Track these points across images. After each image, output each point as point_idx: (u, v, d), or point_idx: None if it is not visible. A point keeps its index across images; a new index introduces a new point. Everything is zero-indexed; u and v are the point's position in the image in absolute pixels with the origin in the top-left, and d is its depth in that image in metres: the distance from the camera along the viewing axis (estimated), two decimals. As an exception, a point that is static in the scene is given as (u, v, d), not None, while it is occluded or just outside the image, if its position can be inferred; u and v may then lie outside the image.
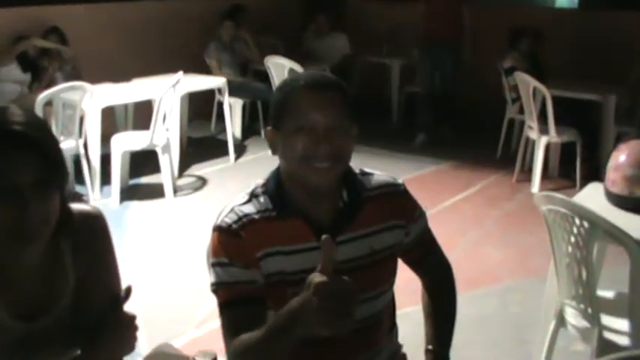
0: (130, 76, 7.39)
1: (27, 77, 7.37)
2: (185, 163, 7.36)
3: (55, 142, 1.73)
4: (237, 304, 1.96)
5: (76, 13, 8.20)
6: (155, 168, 6.55)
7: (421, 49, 8.30)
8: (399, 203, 2.14)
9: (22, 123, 1.65)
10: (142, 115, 7.14)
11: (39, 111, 5.95)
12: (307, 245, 1.97)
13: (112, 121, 7.33)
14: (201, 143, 8.46)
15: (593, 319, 2.95)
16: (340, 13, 9.57)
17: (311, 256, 1.93)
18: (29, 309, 1.80)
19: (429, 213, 2.29)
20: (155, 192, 6.61)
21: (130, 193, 6.63)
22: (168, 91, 6.24)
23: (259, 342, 1.81)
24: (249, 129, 8.63)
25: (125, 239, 5.54)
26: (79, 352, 1.83)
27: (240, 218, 1.97)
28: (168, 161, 6.43)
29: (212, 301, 2.04)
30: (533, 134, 6.64)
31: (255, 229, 1.96)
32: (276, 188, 2.01)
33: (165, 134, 6.41)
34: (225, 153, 7.69)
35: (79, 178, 6.51)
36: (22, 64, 7.44)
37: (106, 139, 6.49)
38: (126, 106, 7.39)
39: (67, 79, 7.03)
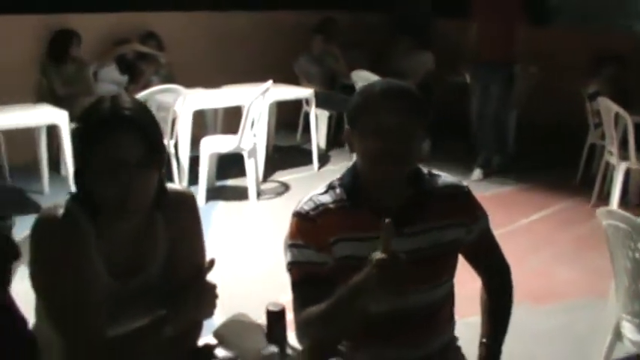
0: (221, 83, 7.70)
1: (124, 79, 7.77)
2: (270, 169, 7.62)
3: (158, 130, 2.03)
4: (308, 282, 2.21)
5: (173, 20, 8.57)
6: (241, 171, 6.83)
7: (471, 72, 8.10)
8: (462, 203, 2.35)
9: (131, 109, 1.95)
10: (230, 120, 7.43)
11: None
12: (375, 234, 2.13)
13: (202, 124, 7.65)
14: (287, 151, 8.75)
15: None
16: (426, 32, 9.67)
17: (377, 244, 2.11)
18: (124, 270, 2.08)
19: (503, 231, 2.48)
20: (239, 194, 6.90)
21: (215, 194, 6.92)
22: (257, 98, 6.51)
23: (325, 311, 2.04)
24: (334, 140, 8.84)
25: (208, 236, 5.79)
26: (163, 312, 2.06)
27: (317, 206, 2.22)
28: (254, 165, 6.70)
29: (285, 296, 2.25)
30: (612, 159, 6.64)
31: (329, 217, 2.21)
32: (350, 181, 2.25)
33: (253, 139, 6.68)
34: (310, 162, 7.95)
35: (169, 177, 6.82)
36: (120, 66, 7.86)
37: (195, 142, 6.80)
38: (216, 111, 7.71)
39: (162, 82, 7.40)
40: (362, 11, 10.17)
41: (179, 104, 6.53)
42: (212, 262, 2.14)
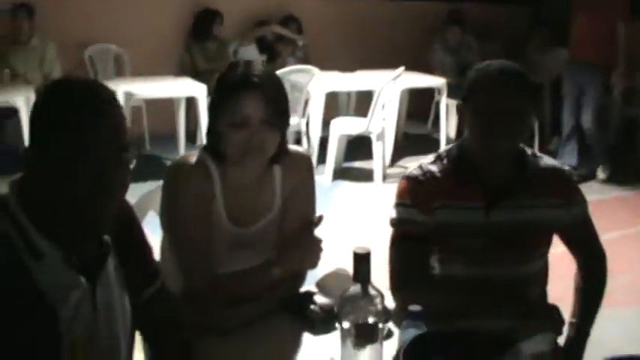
0: (355, 67, 7.85)
1: (262, 58, 8.03)
2: (398, 155, 7.73)
3: (283, 95, 2.27)
4: (408, 240, 2.38)
5: (313, 4, 8.80)
6: (369, 155, 6.97)
7: (566, 74, 7.59)
8: (562, 185, 2.43)
9: (260, 76, 2.20)
10: (363, 104, 7.57)
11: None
12: (475, 204, 2.33)
13: (335, 106, 7.84)
14: (416, 139, 8.81)
15: None
16: (564, 28, 9.50)
17: (477, 213, 2.32)
18: (243, 217, 2.33)
19: (612, 236, 2.51)
20: (365, 176, 7.05)
21: (342, 174, 7.09)
22: (389, 84, 6.63)
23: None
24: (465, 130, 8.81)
25: (330, 211, 5.94)
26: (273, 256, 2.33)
27: (424, 173, 2.38)
28: (382, 149, 6.83)
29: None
30: None
31: (435, 184, 2.36)
32: (458, 154, 2.39)
33: (382, 123, 6.81)
34: (438, 151, 7.93)
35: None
36: (260, 46, 8.13)
37: (328, 123, 6.99)
38: (349, 94, 7.87)
39: (298, 64, 7.60)
40: (499, 3, 10.10)
41: (312, 85, 6.72)
42: (320, 218, 2.38)
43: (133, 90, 6.53)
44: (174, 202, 2.27)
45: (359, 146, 7.34)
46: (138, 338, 1.98)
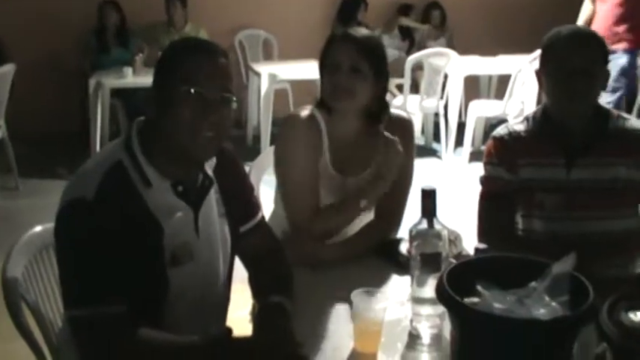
0: (498, 52, 7.88)
1: (405, 45, 8.22)
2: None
3: (378, 53, 2.54)
4: (495, 196, 2.57)
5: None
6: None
7: None
8: None
9: (359, 33, 2.52)
10: (504, 87, 7.58)
11: (408, 72, 6.73)
12: (557, 161, 2.48)
13: (476, 89, 7.92)
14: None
15: None
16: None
17: (558, 170, 2.47)
18: (347, 168, 2.60)
19: None
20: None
21: (480, 157, 7.11)
22: (525, 67, 6.65)
23: None
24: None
25: (457, 193, 6.03)
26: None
27: (510, 133, 2.55)
28: (519, 131, 6.82)
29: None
30: None
31: (520, 143, 2.53)
32: (541, 115, 2.53)
33: (520, 106, 6.84)
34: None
35: (436, 137, 7.20)
36: (402, 34, 8.31)
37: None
38: (490, 78, 7.92)
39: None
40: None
41: (450, 68, 6.85)
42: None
43: (277, 72, 6.87)
44: (286, 148, 2.58)
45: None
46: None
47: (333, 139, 2.57)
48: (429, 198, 1.92)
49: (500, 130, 2.58)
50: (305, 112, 2.59)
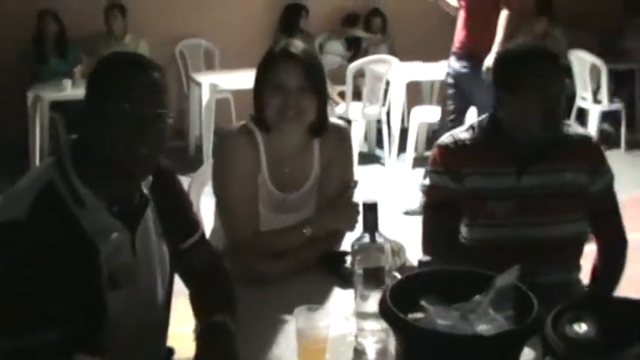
0: (440, 58, 7.90)
1: (348, 54, 8.24)
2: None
3: (319, 69, 2.51)
4: (440, 205, 2.53)
5: (400, -3, 8.85)
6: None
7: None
8: (590, 151, 2.53)
9: (298, 49, 2.46)
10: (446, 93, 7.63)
11: (350, 79, 6.74)
12: (506, 169, 2.46)
13: (418, 95, 7.95)
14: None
15: None
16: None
17: (508, 178, 2.45)
18: (286, 184, 2.56)
19: None
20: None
21: (423, 162, 7.15)
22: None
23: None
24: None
25: (408, 200, 6.06)
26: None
27: (456, 142, 2.52)
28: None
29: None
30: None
31: (466, 151, 2.50)
32: (489, 124, 2.51)
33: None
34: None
35: (379, 143, 7.21)
36: (348, 42, 8.33)
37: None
38: (432, 83, 7.95)
39: (383, 56, 7.75)
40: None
41: (392, 75, 6.86)
42: (357, 182, 2.62)
43: (218, 81, 6.81)
44: (224, 167, 2.52)
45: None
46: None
47: (271, 156, 2.53)
48: (370, 212, 1.89)
49: (445, 139, 2.55)
50: (242, 129, 2.55)
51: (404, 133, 7.15)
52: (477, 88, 5.63)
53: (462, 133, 2.55)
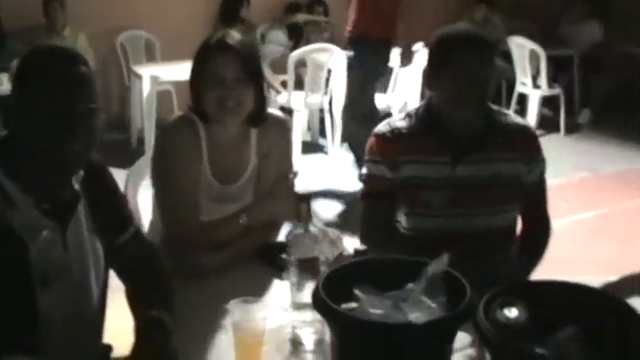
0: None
1: (290, 43, 8.20)
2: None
3: (256, 59, 2.52)
4: (376, 194, 2.55)
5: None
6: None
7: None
8: (527, 141, 2.55)
9: (235, 40, 2.44)
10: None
11: (291, 68, 6.71)
12: (442, 159, 2.46)
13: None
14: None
15: None
16: (599, 1, 9.42)
17: (443, 168, 2.46)
18: (225, 175, 2.55)
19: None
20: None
21: (366, 151, 7.18)
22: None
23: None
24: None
25: (345, 187, 6.10)
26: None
27: (392, 130, 2.52)
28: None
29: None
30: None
31: (402, 140, 2.50)
32: (425, 112, 2.52)
33: (403, 99, 6.92)
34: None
35: (321, 132, 7.22)
36: (290, 31, 8.29)
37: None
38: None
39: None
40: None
41: (333, 63, 6.86)
42: (297, 173, 2.64)
43: (159, 73, 6.75)
44: (165, 158, 2.51)
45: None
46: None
47: (211, 146, 2.52)
48: (304, 202, 1.89)
49: (382, 127, 2.55)
50: (182, 120, 2.54)
51: (347, 121, 7.12)
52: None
53: (398, 121, 2.55)
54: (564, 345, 1.57)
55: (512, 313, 1.56)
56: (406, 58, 6.26)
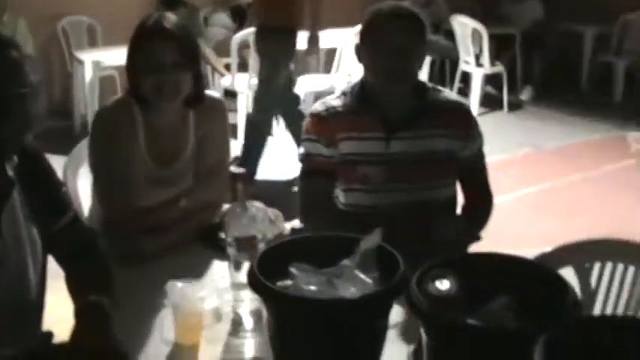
0: (325, 26, 7.90)
1: (234, 26, 8.14)
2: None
3: (193, 43, 2.53)
4: (315, 172, 2.57)
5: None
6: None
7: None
8: (461, 117, 2.60)
9: (171, 23, 2.44)
10: (332, 61, 7.66)
11: (235, 51, 6.69)
12: (376, 135, 2.50)
13: (305, 64, 7.96)
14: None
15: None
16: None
17: (378, 144, 2.50)
18: (163, 158, 2.55)
19: (594, 174, 2.60)
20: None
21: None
22: (350, 40, 6.73)
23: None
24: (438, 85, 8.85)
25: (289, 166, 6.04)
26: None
27: (327, 108, 2.55)
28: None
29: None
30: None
31: (338, 118, 2.53)
32: (359, 89, 2.55)
33: (347, 79, 6.92)
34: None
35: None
36: (233, 13, 8.23)
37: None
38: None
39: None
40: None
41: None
42: (235, 158, 2.53)
43: (101, 59, 6.68)
44: (101, 141, 2.51)
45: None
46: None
47: (148, 129, 2.51)
48: (239, 181, 1.90)
49: (318, 107, 2.59)
50: (118, 103, 2.54)
51: (291, 102, 7.12)
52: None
53: (333, 100, 2.59)
54: (496, 315, 1.60)
55: (444, 285, 1.59)
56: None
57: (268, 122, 6.08)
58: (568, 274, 2.14)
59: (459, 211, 2.69)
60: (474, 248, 2.55)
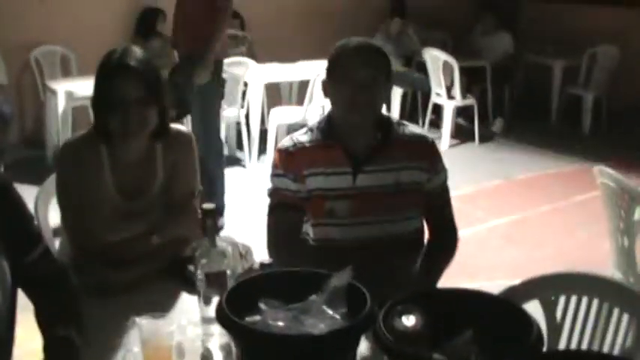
0: (297, 58, 8.00)
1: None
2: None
3: (156, 76, 2.51)
4: (283, 207, 2.59)
5: (256, 0, 8.87)
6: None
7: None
8: (425, 151, 2.63)
9: (135, 59, 2.44)
10: (305, 92, 7.72)
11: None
12: (343, 169, 2.54)
13: (278, 96, 8.02)
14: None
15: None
16: (509, 12, 9.69)
17: (345, 178, 2.53)
18: (130, 192, 2.55)
19: (563, 204, 2.63)
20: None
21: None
22: (323, 72, 6.77)
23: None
24: (409, 117, 8.91)
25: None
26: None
27: (295, 144, 2.59)
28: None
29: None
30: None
31: (305, 153, 2.56)
32: (326, 124, 2.59)
33: (320, 111, 6.95)
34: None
35: (239, 145, 7.25)
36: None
37: (271, 113, 7.16)
38: (290, 84, 8.04)
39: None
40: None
41: (249, 76, 6.90)
42: (200, 192, 2.68)
43: (74, 89, 6.68)
44: (66, 177, 2.53)
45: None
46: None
47: (114, 163, 2.53)
48: (208, 217, 1.92)
49: (285, 142, 2.62)
50: (83, 138, 2.55)
51: (264, 134, 7.19)
52: None
53: (301, 135, 2.63)
54: (461, 350, 1.63)
55: (409, 321, 1.62)
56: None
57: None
58: (534, 307, 2.18)
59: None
60: (447, 278, 2.58)
